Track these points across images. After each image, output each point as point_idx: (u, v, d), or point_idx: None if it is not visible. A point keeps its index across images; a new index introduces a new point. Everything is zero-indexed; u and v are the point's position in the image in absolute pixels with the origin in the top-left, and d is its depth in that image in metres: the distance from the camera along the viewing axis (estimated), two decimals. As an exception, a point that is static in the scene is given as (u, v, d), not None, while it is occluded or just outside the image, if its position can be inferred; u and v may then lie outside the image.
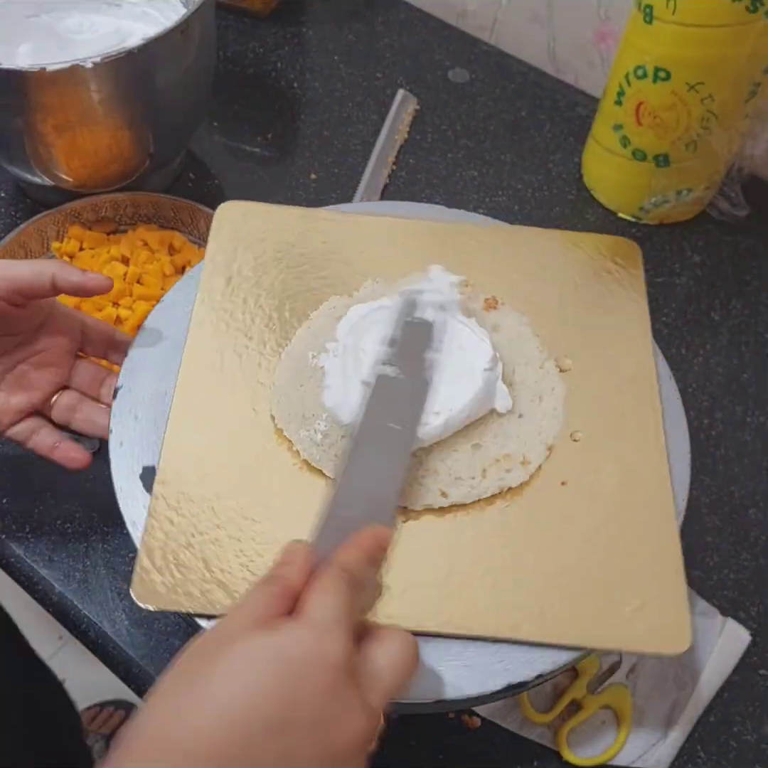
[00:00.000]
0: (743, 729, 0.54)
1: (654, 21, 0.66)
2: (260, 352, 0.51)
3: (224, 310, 0.52)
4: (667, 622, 0.42)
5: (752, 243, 0.80)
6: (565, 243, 0.58)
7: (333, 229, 0.57)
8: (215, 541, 0.43)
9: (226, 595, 0.41)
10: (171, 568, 0.42)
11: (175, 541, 0.43)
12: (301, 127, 0.86)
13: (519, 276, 0.55)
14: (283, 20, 0.96)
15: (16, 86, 0.60)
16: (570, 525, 0.45)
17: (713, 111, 0.70)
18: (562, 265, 0.56)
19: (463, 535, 0.44)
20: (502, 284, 0.54)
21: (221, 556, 0.43)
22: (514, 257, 0.56)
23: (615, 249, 0.57)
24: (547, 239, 0.58)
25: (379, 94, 0.89)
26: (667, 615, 0.42)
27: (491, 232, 0.58)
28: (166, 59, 0.64)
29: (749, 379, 0.70)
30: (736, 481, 0.64)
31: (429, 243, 0.56)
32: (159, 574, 0.42)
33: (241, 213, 0.57)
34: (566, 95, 0.91)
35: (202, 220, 0.72)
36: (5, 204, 0.77)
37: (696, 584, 0.59)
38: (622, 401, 0.50)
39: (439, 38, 0.96)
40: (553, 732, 0.53)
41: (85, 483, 0.61)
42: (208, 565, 0.42)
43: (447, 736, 0.52)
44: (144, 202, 0.72)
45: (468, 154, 0.85)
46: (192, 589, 0.42)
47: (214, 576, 0.42)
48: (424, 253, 0.55)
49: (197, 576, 0.42)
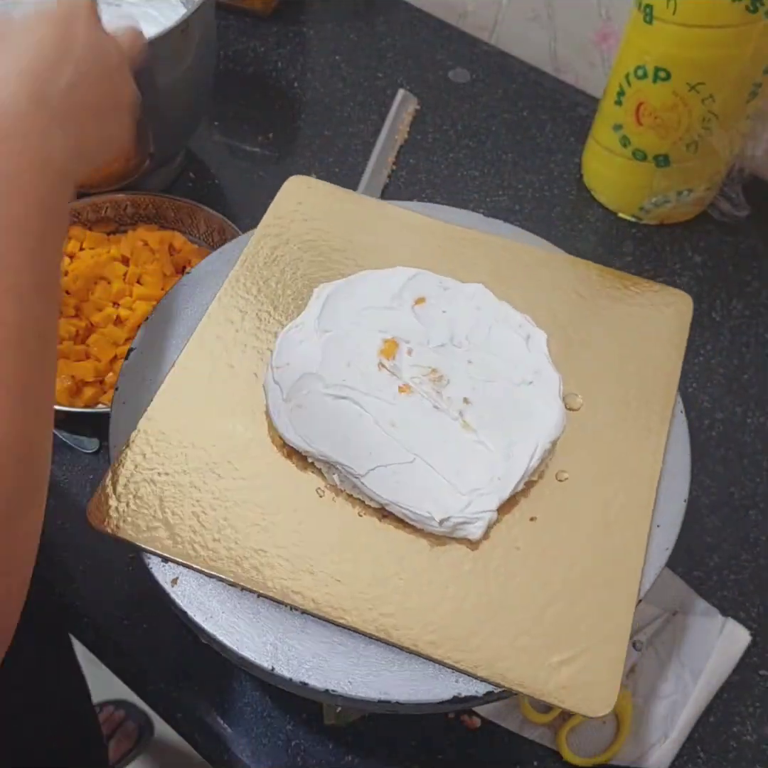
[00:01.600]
0: (743, 729, 0.54)
1: (654, 21, 0.66)
2: (280, 322, 0.51)
3: (261, 275, 0.53)
4: (595, 681, 0.40)
5: (753, 243, 0.80)
6: (611, 279, 0.55)
7: (384, 224, 0.57)
8: (177, 485, 0.44)
9: (169, 537, 0.42)
10: (129, 498, 0.44)
11: (141, 474, 0.44)
12: (301, 127, 0.86)
13: (557, 303, 0.54)
14: (284, 20, 0.96)
15: (16, 86, 0.60)
16: (528, 562, 0.43)
17: (714, 111, 0.70)
18: (601, 300, 0.54)
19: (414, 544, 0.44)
20: (538, 305, 0.53)
21: (177, 500, 0.44)
22: (552, 281, 0.55)
23: (666, 298, 0.54)
24: (591, 271, 0.55)
25: (379, 94, 0.89)
26: (597, 674, 0.40)
27: (533, 252, 0.56)
28: (166, 59, 0.64)
29: (750, 379, 0.70)
30: (736, 482, 0.64)
31: (472, 252, 0.56)
32: (116, 500, 0.43)
33: (306, 188, 0.58)
34: (567, 95, 0.91)
35: (202, 220, 0.72)
36: (5, 204, 0.76)
37: (696, 584, 0.59)
38: (624, 450, 0.47)
39: (439, 38, 0.96)
40: (553, 732, 0.53)
41: (86, 482, 0.61)
42: (162, 505, 0.44)
43: (447, 736, 0.53)
44: (144, 202, 0.72)
45: (468, 154, 0.85)
46: (140, 522, 0.43)
47: (164, 516, 0.43)
48: (465, 263, 0.54)
49: (149, 512, 0.43)
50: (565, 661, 0.40)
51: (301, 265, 0.54)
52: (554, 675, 0.40)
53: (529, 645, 0.40)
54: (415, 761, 0.52)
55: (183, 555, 0.42)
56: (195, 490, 0.44)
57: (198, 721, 0.52)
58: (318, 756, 0.51)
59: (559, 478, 0.46)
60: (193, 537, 0.42)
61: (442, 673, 0.40)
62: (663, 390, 0.50)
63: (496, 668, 0.40)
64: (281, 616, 0.41)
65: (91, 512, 0.43)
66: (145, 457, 0.45)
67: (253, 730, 0.52)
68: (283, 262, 0.54)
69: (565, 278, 0.55)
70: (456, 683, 0.40)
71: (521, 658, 0.40)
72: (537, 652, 0.40)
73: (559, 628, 0.41)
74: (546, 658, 0.40)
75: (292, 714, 0.53)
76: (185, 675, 0.54)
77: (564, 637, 0.41)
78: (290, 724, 0.52)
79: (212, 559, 0.42)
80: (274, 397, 0.46)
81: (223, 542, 0.42)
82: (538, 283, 0.54)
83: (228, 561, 0.42)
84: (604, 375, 0.50)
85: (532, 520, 0.45)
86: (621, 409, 0.49)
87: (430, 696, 0.40)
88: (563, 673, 0.40)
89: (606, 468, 0.47)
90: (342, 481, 0.45)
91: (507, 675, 0.40)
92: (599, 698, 0.39)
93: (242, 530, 0.43)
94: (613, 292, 0.54)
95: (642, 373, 0.51)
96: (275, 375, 0.47)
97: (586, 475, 0.46)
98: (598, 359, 0.51)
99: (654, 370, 0.51)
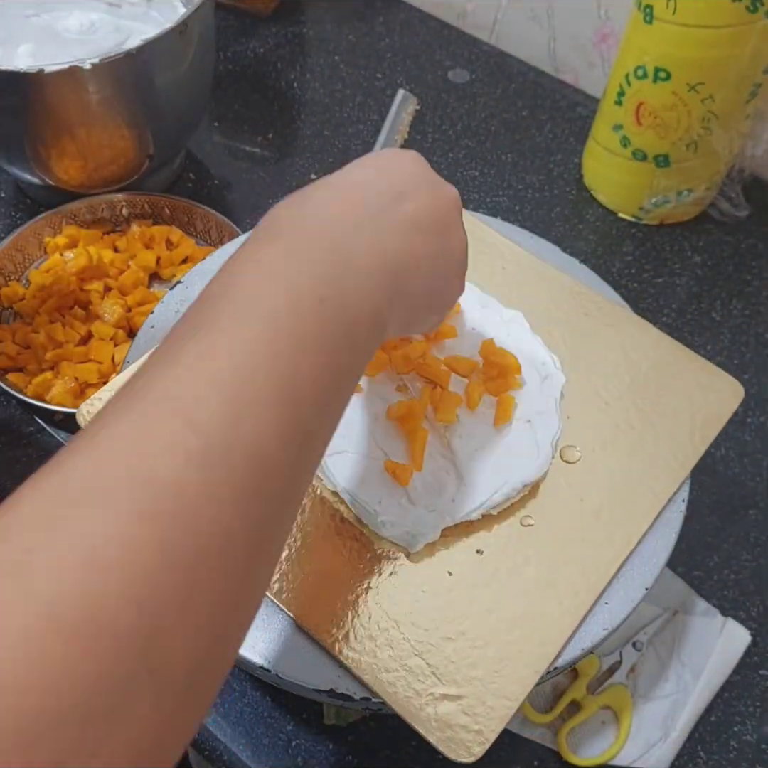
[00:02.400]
0: (743, 729, 0.54)
1: (654, 21, 0.66)
2: None
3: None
4: (470, 728, 0.38)
5: (753, 243, 0.80)
6: (668, 348, 0.52)
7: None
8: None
9: None
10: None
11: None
12: (301, 127, 0.86)
13: (597, 357, 0.52)
14: (284, 20, 0.96)
15: (15, 87, 0.60)
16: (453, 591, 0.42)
17: (714, 111, 0.70)
18: (647, 368, 0.51)
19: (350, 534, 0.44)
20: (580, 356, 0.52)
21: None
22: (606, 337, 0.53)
23: (716, 382, 0.51)
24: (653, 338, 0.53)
25: (379, 94, 0.89)
26: (475, 722, 0.39)
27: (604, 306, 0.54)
28: (165, 59, 0.64)
29: (750, 379, 0.70)
30: (736, 482, 0.64)
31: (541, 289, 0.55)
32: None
33: None
34: (566, 95, 0.91)
35: (198, 219, 0.72)
36: (5, 204, 0.77)
37: (696, 584, 0.59)
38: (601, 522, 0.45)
39: (439, 38, 0.96)
40: (553, 732, 0.53)
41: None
42: None
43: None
44: (140, 202, 0.73)
45: (468, 154, 0.85)
46: None
47: None
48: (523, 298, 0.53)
49: None
50: (449, 697, 0.39)
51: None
52: (431, 705, 0.39)
53: (418, 667, 0.40)
54: (416, 761, 0.52)
55: None
56: None
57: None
58: (318, 756, 0.51)
59: (524, 522, 0.45)
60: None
61: (329, 664, 0.40)
62: (672, 473, 0.47)
63: (378, 677, 0.39)
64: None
65: (81, 412, 0.45)
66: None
67: (253, 730, 0.52)
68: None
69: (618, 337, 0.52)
70: (338, 678, 0.40)
71: (407, 677, 0.40)
72: (424, 677, 0.40)
73: (457, 664, 0.40)
74: (431, 686, 0.39)
75: (292, 714, 0.53)
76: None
77: (458, 674, 0.40)
78: (290, 724, 0.52)
79: None
80: None
81: None
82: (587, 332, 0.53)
83: None
84: (618, 440, 0.48)
85: (478, 552, 0.44)
86: (617, 478, 0.47)
87: (308, 680, 0.40)
88: (442, 707, 0.39)
89: (574, 532, 0.45)
90: None
91: (386, 688, 0.39)
92: (467, 745, 0.38)
93: None
94: (664, 361, 0.52)
95: (658, 450, 0.48)
96: None
97: (551, 530, 0.45)
98: (617, 422, 0.49)
99: (671, 451, 0.48)
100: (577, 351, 0.52)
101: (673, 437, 0.48)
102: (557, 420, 0.47)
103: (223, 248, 0.56)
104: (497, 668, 0.40)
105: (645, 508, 0.46)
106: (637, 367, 0.51)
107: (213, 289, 0.30)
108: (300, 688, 0.41)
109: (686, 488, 0.47)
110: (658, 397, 0.50)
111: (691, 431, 0.49)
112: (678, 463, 0.47)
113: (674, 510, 0.47)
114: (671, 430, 0.49)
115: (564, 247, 0.58)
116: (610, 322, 0.53)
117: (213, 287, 0.30)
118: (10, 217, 0.75)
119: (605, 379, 0.51)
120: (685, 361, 0.52)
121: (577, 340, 0.52)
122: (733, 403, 0.50)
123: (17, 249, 0.69)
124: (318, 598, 0.42)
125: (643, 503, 0.46)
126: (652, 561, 0.45)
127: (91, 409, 0.45)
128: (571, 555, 0.44)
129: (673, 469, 0.47)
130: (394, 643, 0.40)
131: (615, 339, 0.52)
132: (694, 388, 0.51)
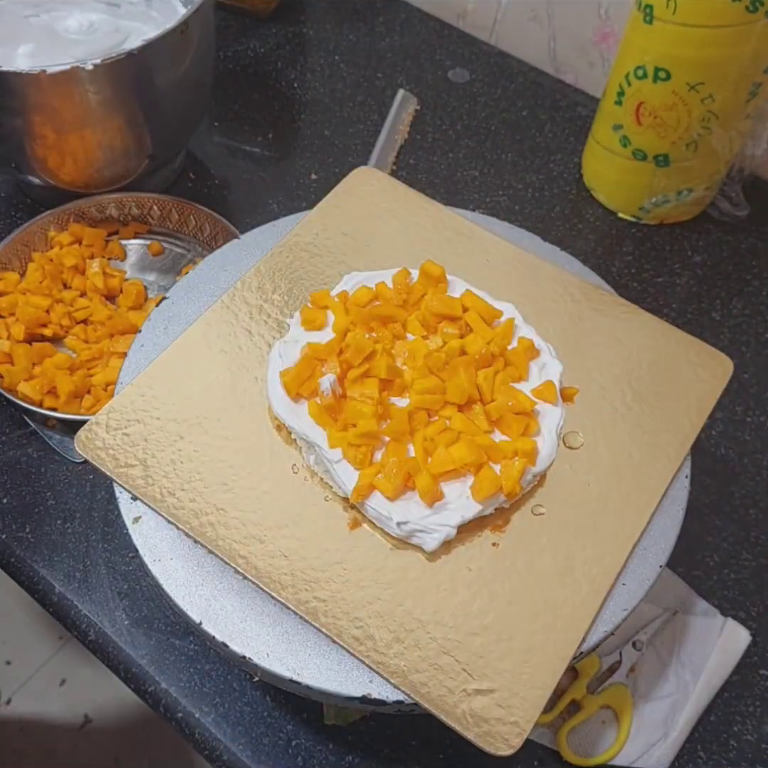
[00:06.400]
0: (743, 729, 0.54)
1: (654, 21, 0.66)
2: (305, 300, 0.52)
3: (295, 254, 0.54)
4: (506, 720, 0.39)
5: (753, 243, 0.80)
6: (654, 330, 0.53)
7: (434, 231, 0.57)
8: (164, 431, 0.46)
9: (143, 477, 0.44)
10: (117, 433, 0.45)
11: (134, 413, 0.46)
12: (301, 127, 0.86)
13: (588, 341, 0.52)
14: (284, 20, 0.96)
15: (15, 88, 0.60)
16: (474, 585, 0.43)
17: (714, 111, 0.70)
18: (638, 349, 0.52)
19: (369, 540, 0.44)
20: (569, 340, 0.52)
21: (161, 444, 0.45)
22: (595, 322, 0.53)
23: (705, 359, 0.52)
24: (641, 320, 0.54)
25: (379, 94, 0.89)
26: (511, 713, 0.39)
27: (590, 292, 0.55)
28: (165, 60, 0.64)
29: (750, 379, 0.70)
30: (736, 481, 0.64)
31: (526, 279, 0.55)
32: (105, 433, 0.45)
33: (370, 180, 0.59)
34: (566, 95, 0.91)
35: (206, 223, 0.72)
36: (5, 204, 0.77)
37: (696, 584, 0.59)
38: (610, 503, 0.46)
39: (439, 38, 0.96)
40: (553, 732, 0.53)
41: (86, 483, 0.61)
42: (146, 446, 0.45)
43: (447, 736, 0.52)
44: (148, 203, 0.73)
45: (468, 154, 0.85)
46: (120, 457, 0.44)
47: (144, 457, 0.45)
48: (510, 290, 0.53)
49: (132, 450, 0.45)
50: (482, 691, 0.39)
51: (336, 256, 0.55)
52: (465, 701, 0.39)
53: (448, 665, 0.40)
54: (416, 761, 0.52)
55: (150, 497, 0.43)
56: (180, 440, 0.46)
57: (198, 721, 0.53)
58: (318, 756, 0.51)
59: (535, 512, 0.45)
60: (164, 482, 0.44)
61: (358, 670, 0.40)
62: (673, 450, 0.48)
63: (409, 679, 0.39)
64: (223, 576, 0.43)
65: (79, 440, 0.45)
66: (144, 397, 0.47)
67: (253, 730, 0.52)
68: (321, 249, 0.55)
69: (607, 320, 0.53)
70: (369, 683, 0.40)
71: (438, 675, 0.40)
72: (455, 674, 0.40)
73: (486, 659, 0.40)
74: (462, 682, 0.39)
75: (292, 714, 0.53)
76: (185, 675, 0.54)
77: (488, 668, 0.40)
78: (290, 724, 0.52)
79: (175, 507, 0.43)
80: (274, 368, 0.47)
81: (189, 493, 0.43)
82: (576, 318, 0.53)
83: (188, 512, 0.43)
84: (617, 422, 0.49)
85: (494, 545, 0.44)
86: (622, 459, 0.47)
87: (340, 688, 0.40)
88: (476, 702, 0.39)
89: (585, 517, 0.45)
90: (317, 463, 0.45)
91: (419, 689, 0.39)
92: (504, 737, 0.38)
93: (210, 486, 0.44)
94: (654, 341, 0.53)
95: (657, 428, 0.49)
96: (281, 349, 0.48)
97: (562, 517, 0.45)
98: (615, 406, 0.49)
99: (670, 429, 0.49)
100: (568, 337, 0.52)
101: (670, 415, 0.49)
102: (559, 407, 0.48)
103: (204, 260, 0.56)
104: (525, 659, 0.41)
105: (651, 487, 0.47)
106: (628, 349, 0.52)
107: None
108: (331, 697, 0.40)
109: (688, 464, 0.48)
110: (651, 377, 0.51)
111: (687, 407, 0.50)
112: (678, 440, 0.48)
113: (679, 487, 0.47)
114: (668, 408, 0.50)
115: (564, 247, 0.58)
116: (597, 306, 0.54)
117: None
118: (11, 216, 0.76)
119: (599, 363, 0.51)
120: (673, 339, 0.53)
121: (567, 326, 0.53)
122: (723, 377, 0.52)
123: (24, 244, 0.70)
124: (339, 605, 0.41)
125: (649, 482, 0.47)
126: (663, 539, 0.45)
127: (89, 435, 0.45)
128: (584, 540, 0.44)
129: (674, 446, 0.48)
130: (421, 643, 0.40)
131: (604, 323, 0.53)
132: (685, 365, 0.52)
